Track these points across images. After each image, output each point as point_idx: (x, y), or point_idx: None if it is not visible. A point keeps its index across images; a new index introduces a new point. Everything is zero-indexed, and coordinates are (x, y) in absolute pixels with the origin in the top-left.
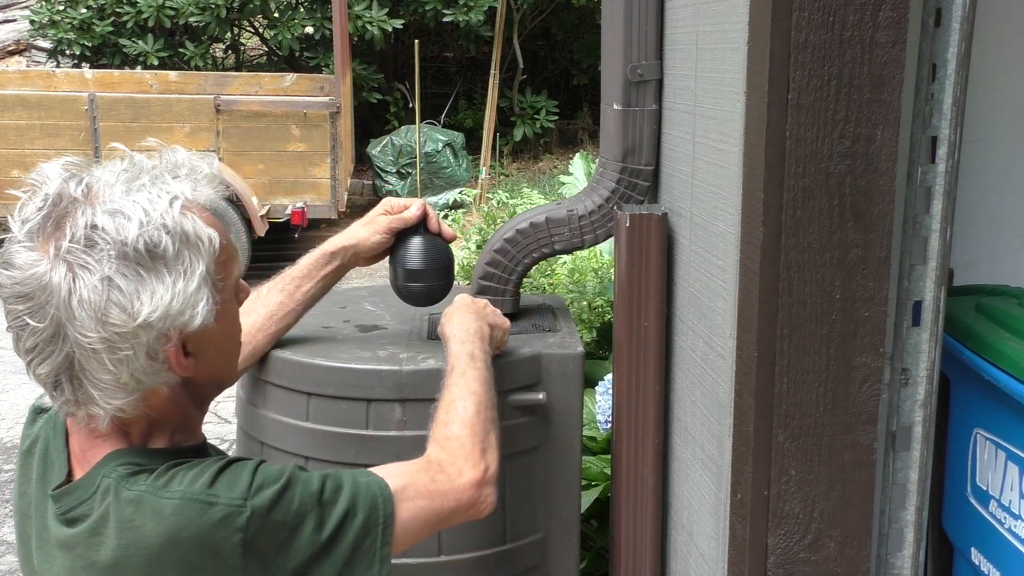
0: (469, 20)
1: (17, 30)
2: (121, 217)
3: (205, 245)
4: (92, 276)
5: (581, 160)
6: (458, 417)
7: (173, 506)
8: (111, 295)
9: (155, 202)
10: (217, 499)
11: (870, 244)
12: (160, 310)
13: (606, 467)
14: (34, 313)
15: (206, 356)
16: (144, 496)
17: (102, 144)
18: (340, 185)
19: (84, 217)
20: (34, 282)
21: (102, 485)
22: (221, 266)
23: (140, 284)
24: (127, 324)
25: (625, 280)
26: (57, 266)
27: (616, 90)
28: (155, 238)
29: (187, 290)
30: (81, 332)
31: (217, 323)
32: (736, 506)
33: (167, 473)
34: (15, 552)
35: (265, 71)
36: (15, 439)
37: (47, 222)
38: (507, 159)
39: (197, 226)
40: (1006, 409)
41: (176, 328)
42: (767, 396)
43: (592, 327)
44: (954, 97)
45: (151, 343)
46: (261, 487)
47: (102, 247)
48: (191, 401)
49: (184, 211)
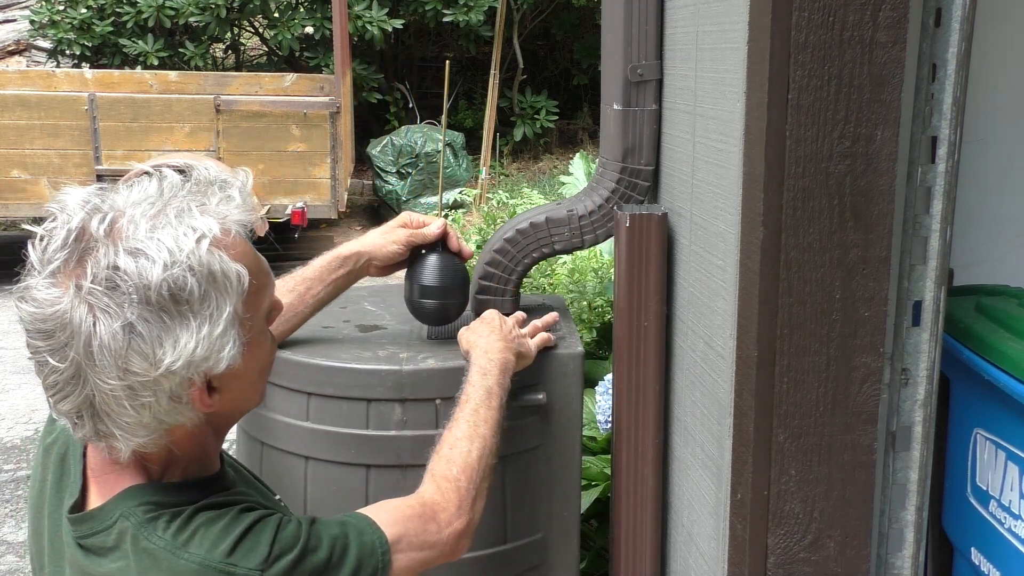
0: (469, 20)
1: (17, 30)
2: (144, 259)
3: (233, 284)
4: (113, 322)
5: (581, 160)
6: (460, 459)
7: (191, 572)
8: (132, 343)
9: (180, 241)
10: (235, 570)
11: (870, 244)
12: (184, 358)
13: (606, 467)
14: (55, 352)
15: (232, 390)
16: (162, 553)
17: (102, 144)
18: (340, 185)
19: (106, 257)
20: (55, 320)
21: (119, 524)
22: (251, 299)
23: (163, 331)
24: (149, 373)
25: (625, 280)
26: (78, 306)
27: (616, 90)
28: (180, 281)
29: (212, 335)
30: (101, 378)
31: (244, 360)
32: (736, 506)
33: (189, 525)
34: (15, 552)
35: (265, 71)
36: (15, 439)
37: (70, 258)
38: (507, 159)
39: (225, 264)
40: (1006, 409)
41: (200, 373)
42: (767, 396)
43: (592, 327)
44: (954, 97)
45: (174, 389)
46: (278, 557)
47: (124, 290)
48: (213, 431)
49: (212, 249)
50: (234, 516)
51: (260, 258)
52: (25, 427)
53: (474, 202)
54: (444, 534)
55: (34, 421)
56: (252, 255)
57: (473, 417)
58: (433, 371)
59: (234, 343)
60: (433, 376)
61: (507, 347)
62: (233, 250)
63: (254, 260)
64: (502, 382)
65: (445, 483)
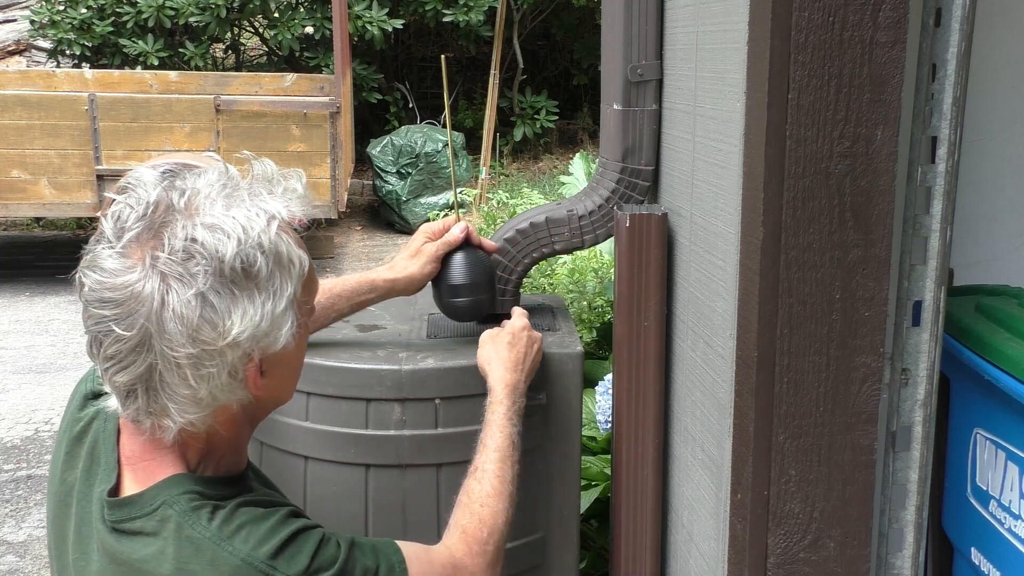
0: (469, 20)
1: (17, 30)
2: (220, 233)
3: (296, 268)
4: (187, 291)
5: (581, 160)
6: (491, 520)
7: (233, 566)
8: (204, 312)
9: (253, 220)
10: (275, 573)
11: (870, 244)
12: (249, 330)
13: (606, 467)
14: (121, 320)
15: (276, 376)
16: (206, 543)
17: (102, 144)
18: (340, 185)
19: (184, 229)
20: (125, 289)
21: (162, 511)
22: (306, 288)
23: (232, 303)
24: (216, 342)
25: (625, 280)
26: (151, 276)
27: (616, 90)
28: (251, 257)
29: (275, 312)
30: (169, 346)
31: (296, 343)
32: (736, 506)
33: (234, 518)
34: (15, 552)
35: (265, 71)
36: (15, 439)
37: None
38: (507, 159)
39: (291, 248)
40: (1006, 409)
41: (260, 348)
42: (767, 396)
43: (592, 327)
44: (954, 97)
45: (235, 362)
46: (316, 572)
47: (199, 262)
48: (249, 421)
49: (280, 232)
50: (280, 519)
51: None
52: (25, 427)
53: (474, 202)
54: None
55: (34, 421)
56: (305, 248)
57: (501, 471)
58: (432, 371)
59: (292, 323)
60: (432, 376)
61: (517, 367)
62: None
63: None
64: (520, 430)
65: (476, 545)
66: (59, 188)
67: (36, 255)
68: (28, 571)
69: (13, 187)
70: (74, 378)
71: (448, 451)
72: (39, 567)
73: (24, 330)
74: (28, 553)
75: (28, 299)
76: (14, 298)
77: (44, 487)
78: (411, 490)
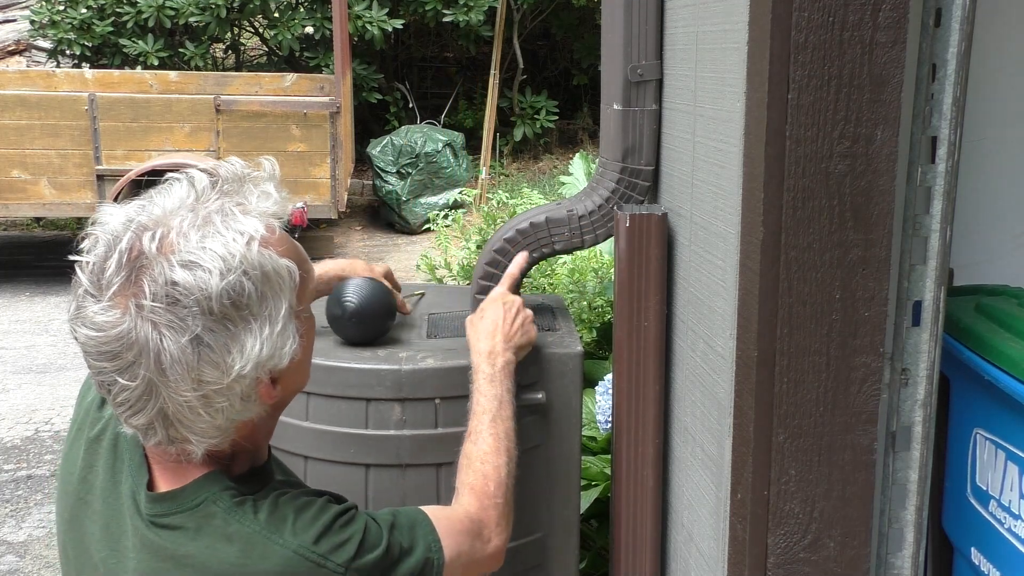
0: (469, 20)
1: (17, 30)
2: (200, 270)
3: (286, 280)
4: (180, 336)
5: (581, 160)
6: (495, 476)
7: (285, 559)
8: (202, 354)
9: (231, 246)
10: (325, 563)
11: (870, 244)
12: (252, 361)
13: (606, 467)
14: (123, 372)
15: (289, 377)
16: (256, 538)
17: (102, 144)
18: (340, 185)
19: (162, 274)
20: (120, 341)
21: (205, 508)
22: (301, 293)
23: (229, 339)
24: (222, 380)
25: (625, 280)
26: (142, 325)
27: (616, 90)
28: (238, 287)
29: (274, 334)
30: (175, 391)
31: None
32: (736, 506)
33: (278, 510)
34: (15, 552)
35: (265, 71)
36: (15, 439)
37: (123, 279)
38: (507, 159)
39: (276, 263)
40: (1006, 409)
41: (267, 371)
42: (767, 396)
43: (592, 327)
44: (954, 97)
45: (245, 390)
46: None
47: (185, 304)
48: (271, 417)
49: (261, 249)
50: (322, 507)
51: (299, 247)
52: (25, 427)
53: (474, 202)
54: (488, 550)
55: (34, 421)
56: (294, 247)
57: (493, 428)
58: (432, 370)
59: (293, 337)
60: (432, 376)
61: (508, 347)
62: (279, 247)
63: (296, 251)
64: (510, 387)
65: (486, 499)
66: (59, 188)
67: (36, 255)
68: (28, 571)
69: (13, 187)
70: (74, 378)
71: (448, 451)
72: (39, 567)
73: (24, 330)
74: (28, 553)
75: (28, 299)
76: (14, 298)
77: (44, 487)
78: (411, 490)
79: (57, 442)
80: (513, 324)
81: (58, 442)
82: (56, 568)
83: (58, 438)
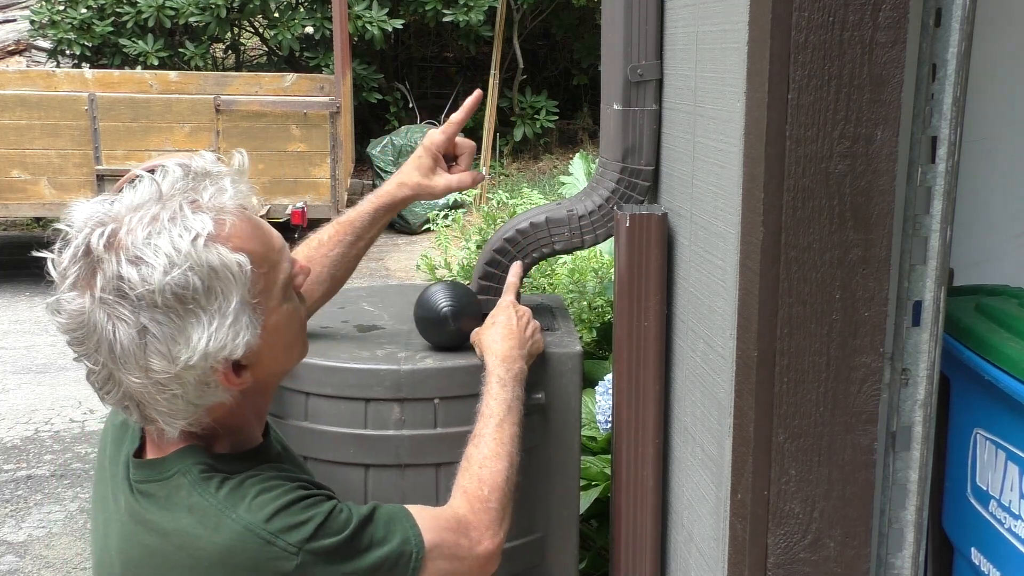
0: (469, 20)
1: (17, 30)
2: (144, 266)
3: (237, 274)
4: (129, 327)
5: (581, 160)
6: (491, 479)
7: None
8: (149, 344)
9: (177, 243)
10: (276, 541)
11: (870, 244)
12: (199, 352)
13: (606, 467)
14: (88, 356)
15: (262, 362)
16: (211, 510)
17: (102, 144)
18: (340, 185)
19: (111, 268)
20: (83, 328)
21: (176, 479)
22: (261, 282)
23: (176, 330)
24: (169, 369)
25: (625, 280)
26: (98, 313)
27: (616, 90)
28: (183, 282)
29: (224, 326)
30: (129, 377)
31: (265, 335)
32: (736, 506)
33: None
34: (15, 552)
35: (265, 71)
36: (15, 439)
37: (78, 271)
38: (507, 159)
39: (224, 257)
40: (1006, 409)
41: (220, 360)
42: (767, 396)
43: (592, 327)
44: (954, 97)
45: (198, 378)
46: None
47: (131, 297)
48: (255, 399)
49: (209, 245)
50: (287, 491)
51: (269, 235)
52: (25, 427)
53: (474, 202)
54: (475, 552)
55: (34, 421)
56: (258, 236)
57: (498, 433)
58: (431, 371)
59: (247, 328)
60: (431, 376)
61: (522, 354)
62: (233, 240)
63: (261, 241)
64: (520, 395)
65: (478, 503)
66: (59, 188)
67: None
68: (28, 571)
69: (13, 187)
70: (74, 378)
71: (447, 451)
72: (39, 567)
73: (24, 330)
74: (28, 553)
75: (28, 299)
76: (14, 298)
77: (44, 487)
78: (410, 490)
79: (57, 442)
80: (526, 331)
81: (58, 442)
82: (56, 568)
83: (58, 438)
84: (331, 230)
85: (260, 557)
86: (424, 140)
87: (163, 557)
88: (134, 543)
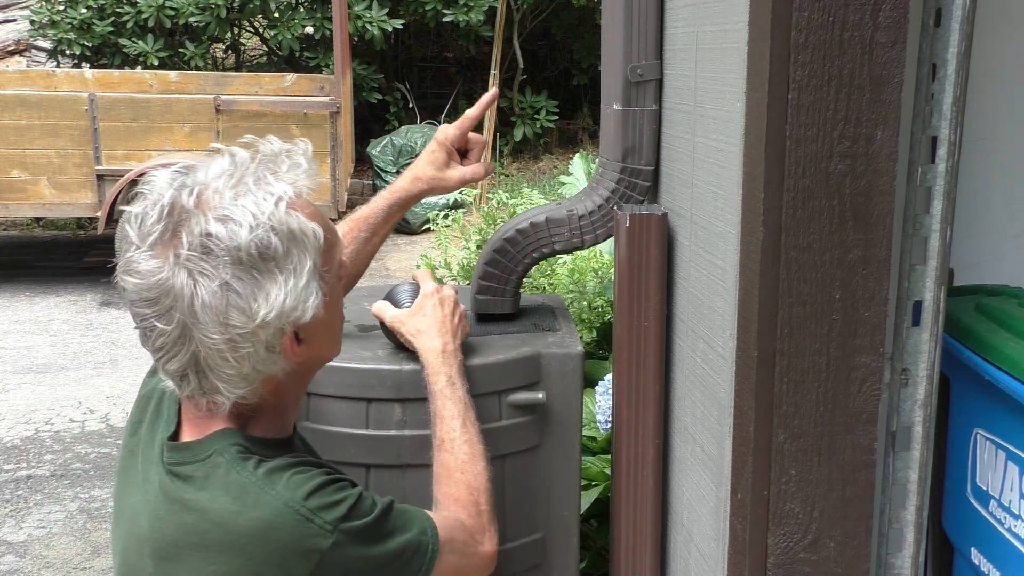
0: (469, 20)
1: (17, 30)
2: (232, 223)
3: (311, 240)
4: (211, 282)
5: (581, 160)
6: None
7: (275, 508)
8: (230, 299)
9: (261, 205)
10: (314, 518)
11: (870, 244)
12: (276, 309)
13: (606, 467)
14: (161, 316)
15: (315, 340)
16: (251, 487)
17: (102, 144)
18: (340, 185)
19: (198, 226)
20: (159, 288)
21: (213, 459)
22: (326, 256)
23: (256, 287)
24: (247, 325)
25: (625, 280)
26: (179, 272)
27: (616, 90)
28: (265, 240)
29: (298, 286)
30: (205, 334)
31: (325, 310)
32: (736, 506)
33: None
34: (15, 552)
35: (265, 71)
36: (15, 439)
37: (164, 231)
38: (507, 159)
39: (302, 223)
40: (1006, 409)
41: (290, 322)
42: (767, 396)
43: (592, 327)
44: (954, 97)
45: (269, 338)
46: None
47: (217, 253)
48: (299, 381)
49: (289, 210)
50: (322, 474)
51: (325, 217)
52: (25, 427)
53: (474, 202)
54: (480, 552)
55: (34, 421)
56: (321, 215)
57: (466, 434)
58: None
59: (317, 293)
60: None
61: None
62: (306, 210)
63: (323, 220)
64: (467, 387)
65: (472, 509)
66: (59, 188)
67: (36, 255)
68: (28, 571)
69: (13, 187)
70: (74, 378)
71: None
72: (39, 567)
73: (24, 330)
74: (28, 553)
75: (28, 299)
76: (14, 298)
77: (44, 487)
78: (412, 490)
79: (57, 442)
80: (455, 319)
81: (58, 442)
82: (56, 568)
83: (58, 438)
84: (345, 227)
85: (298, 534)
86: (437, 135)
87: (200, 534)
88: (168, 522)
